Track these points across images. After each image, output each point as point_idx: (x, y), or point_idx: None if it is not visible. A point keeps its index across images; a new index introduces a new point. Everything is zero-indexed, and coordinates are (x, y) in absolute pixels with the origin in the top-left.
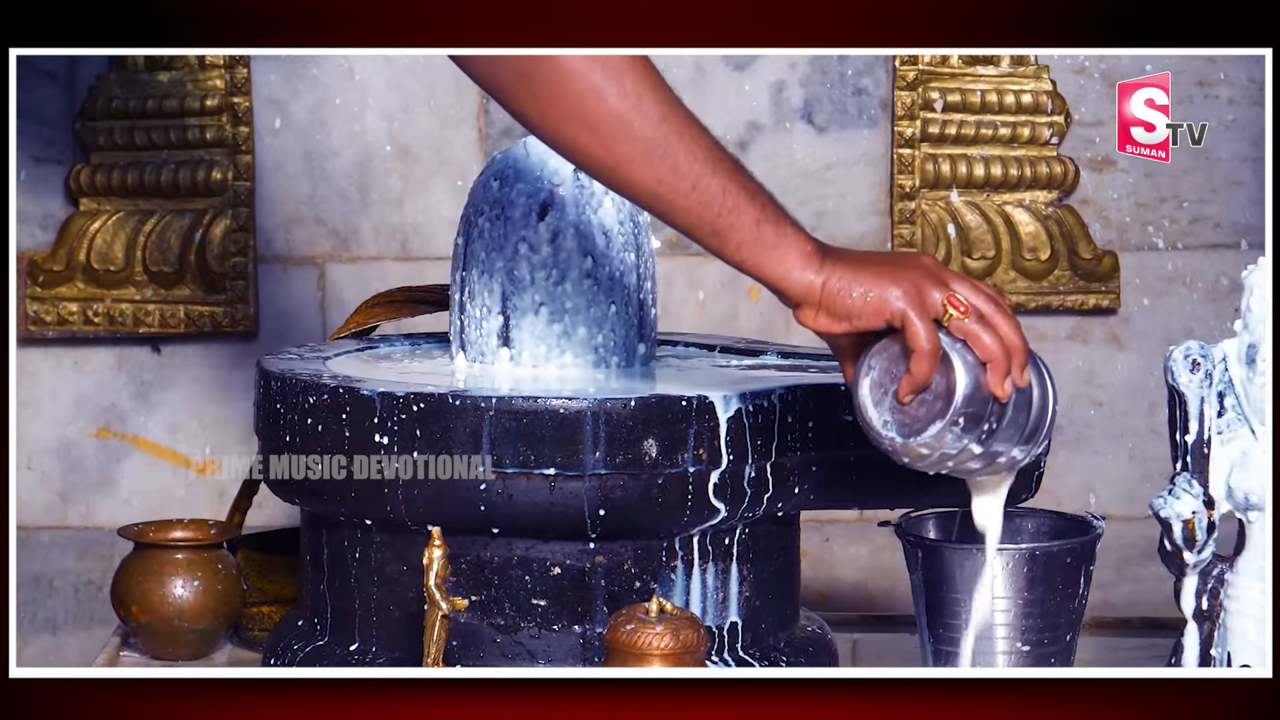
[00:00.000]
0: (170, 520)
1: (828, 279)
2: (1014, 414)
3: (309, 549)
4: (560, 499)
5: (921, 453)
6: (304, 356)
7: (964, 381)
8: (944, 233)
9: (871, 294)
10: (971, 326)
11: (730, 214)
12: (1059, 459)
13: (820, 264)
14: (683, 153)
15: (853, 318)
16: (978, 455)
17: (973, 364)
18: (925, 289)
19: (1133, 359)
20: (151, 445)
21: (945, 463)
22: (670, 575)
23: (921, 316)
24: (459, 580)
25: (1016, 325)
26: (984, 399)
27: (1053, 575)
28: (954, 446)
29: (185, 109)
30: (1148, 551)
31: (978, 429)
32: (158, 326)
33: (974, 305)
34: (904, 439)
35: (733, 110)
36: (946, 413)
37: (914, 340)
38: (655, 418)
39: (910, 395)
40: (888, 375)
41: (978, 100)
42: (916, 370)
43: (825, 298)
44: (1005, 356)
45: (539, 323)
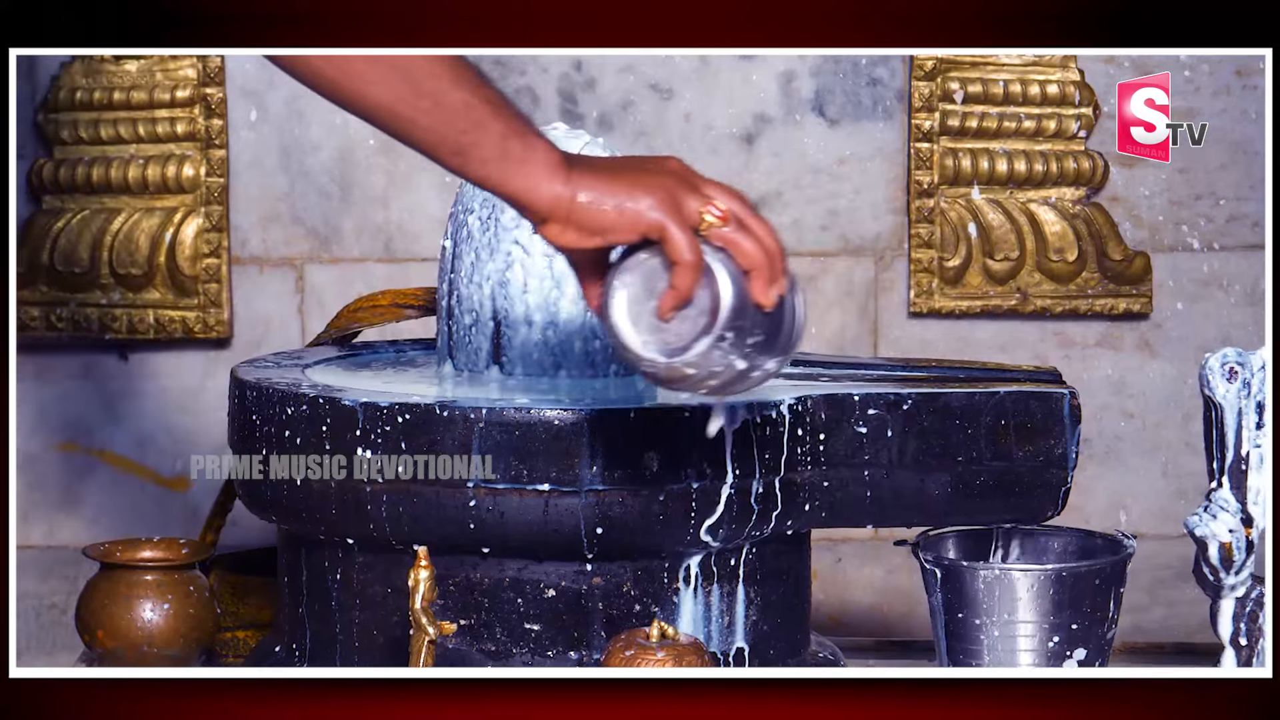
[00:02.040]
0: (138, 539)
1: (577, 192)
2: (775, 324)
3: (287, 570)
4: (555, 516)
5: (686, 373)
6: (281, 364)
7: (729, 292)
8: (964, 232)
9: (626, 205)
10: (732, 234)
11: (474, 130)
12: (1087, 473)
13: (568, 176)
14: (423, 69)
15: (605, 232)
16: (741, 371)
17: (736, 273)
18: (681, 197)
19: (1165, 367)
20: (119, 459)
21: (709, 382)
22: (672, 598)
23: (681, 227)
24: (447, 603)
25: (773, 231)
26: (749, 309)
27: (1080, 598)
28: (720, 363)
29: (154, 100)
30: (1182, 573)
31: (743, 343)
32: (125, 332)
33: (731, 210)
34: (667, 359)
35: (739, 102)
36: (713, 327)
37: (676, 252)
38: (656, 430)
39: (673, 311)
40: (645, 291)
41: (1000, 91)
42: (680, 283)
43: (575, 212)
44: (768, 262)
45: (532, 329)
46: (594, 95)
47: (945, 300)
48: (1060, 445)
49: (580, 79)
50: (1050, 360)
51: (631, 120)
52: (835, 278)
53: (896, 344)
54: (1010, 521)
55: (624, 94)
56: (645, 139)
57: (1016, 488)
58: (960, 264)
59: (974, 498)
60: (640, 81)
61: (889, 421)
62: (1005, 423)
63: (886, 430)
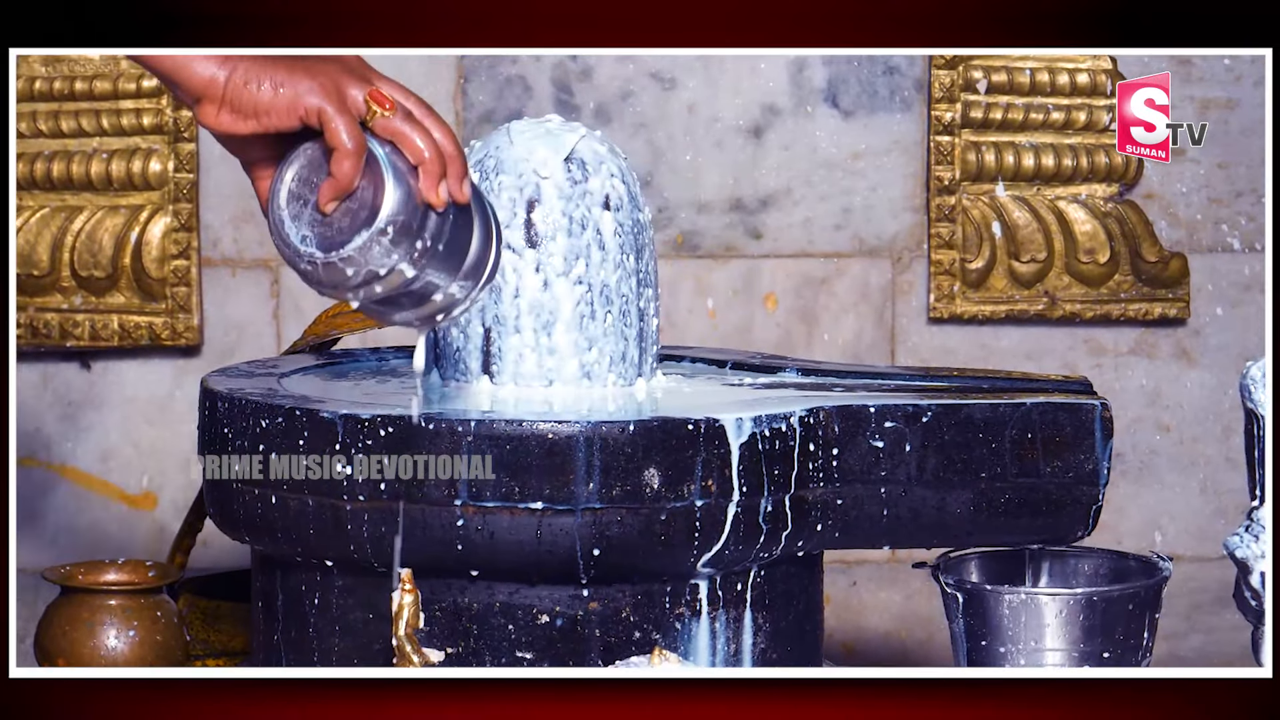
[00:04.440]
0: (102, 561)
1: (234, 71)
2: (451, 235)
3: (261, 594)
4: (549, 537)
5: (346, 272)
6: (255, 374)
7: (392, 184)
8: (988, 232)
9: (284, 88)
10: (399, 125)
11: None
12: (1120, 491)
13: (226, 59)
14: None
15: (260, 114)
16: (410, 280)
17: (403, 170)
18: (345, 84)
19: (1204, 376)
20: (81, 475)
21: (374, 286)
22: (675, 624)
23: (341, 112)
24: (432, 630)
25: (452, 133)
26: (416, 208)
27: (1113, 624)
28: (382, 263)
29: (119, 90)
30: (1222, 597)
31: (409, 244)
32: (88, 339)
33: (400, 103)
34: (325, 254)
35: (746, 91)
36: (374, 220)
37: (334, 138)
38: (657, 443)
39: (333, 202)
40: (307, 185)
41: (1027, 80)
42: (338, 171)
43: (230, 91)
44: (439, 159)
45: (524, 335)
46: (590, 85)
47: (967, 305)
48: (1091, 461)
49: (575, 68)
50: (1080, 369)
51: (631, 112)
52: (849, 281)
53: (915, 352)
54: (1037, 542)
55: (623, 83)
56: (645, 131)
57: (1044, 506)
58: (983, 266)
59: (998, 517)
60: (640, 70)
61: (907, 435)
62: (1032, 436)
63: (905, 444)
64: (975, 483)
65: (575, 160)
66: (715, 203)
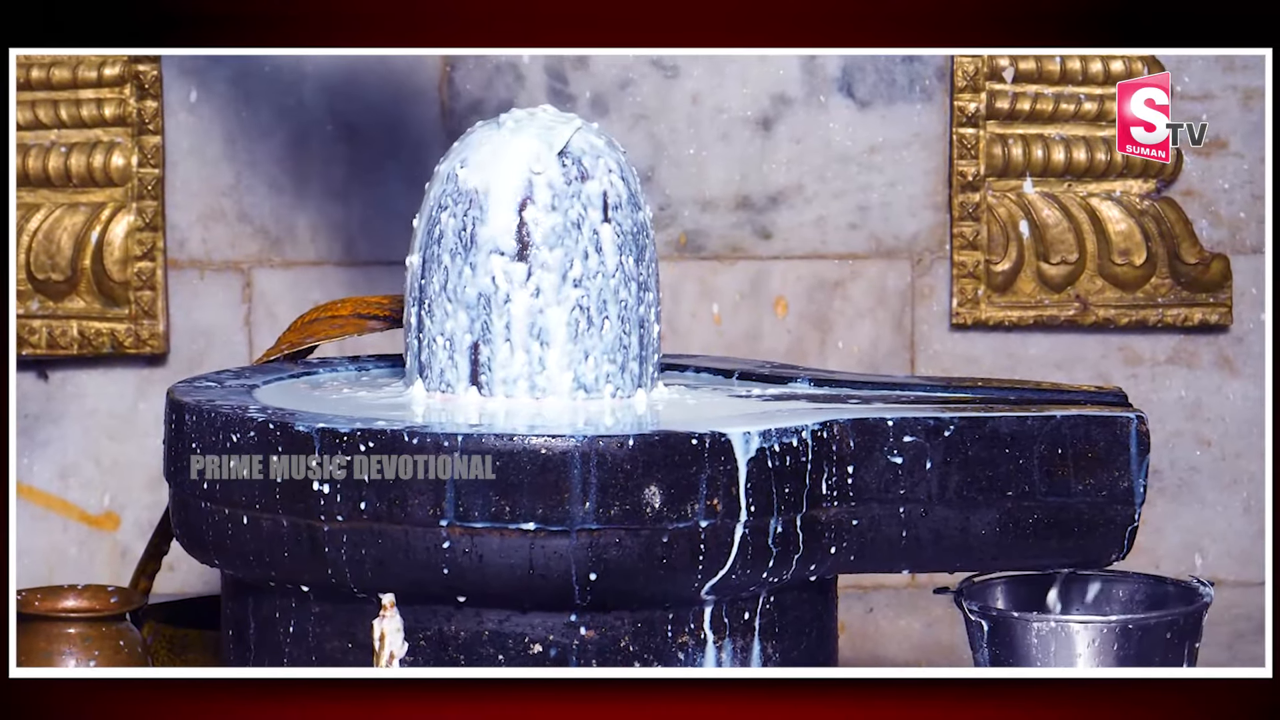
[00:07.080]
0: (61, 586)
1: None
2: None
3: (231, 621)
4: (541, 560)
5: None
6: (225, 384)
7: None
8: (1015, 231)
9: None
10: None
11: None
12: (1157, 510)
13: None
14: None
15: None
16: None
17: None
18: None
19: (1248, 387)
20: (37, 494)
21: None
22: (677, 654)
23: None
24: (417, 660)
25: None
26: None
27: (1149, 653)
28: None
29: (78, 79)
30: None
31: None
32: (45, 347)
33: None
34: None
35: (755, 80)
36: None
37: None
38: (659, 460)
39: None
40: None
41: (1057, 68)
42: None
43: None
44: None
45: (515, 343)
46: (587, 73)
47: (993, 310)
48: (1126, 478)
49: (571, 55)
50: (1114, 380)
51: (630, 102)
52: (866, 284)
53: (936, 361)
54: (1068, 566)
55: (621, 71)
56: (646, 123)
57: (1075, 527)
58: (1010, 268)
59: (1026, 538)
60: (640, 58)
61: (928, 450)
62: (1062, 452)
63: (925, 460)
64: (1001, 502)
65: (570, 155)
66: (721, 200)
